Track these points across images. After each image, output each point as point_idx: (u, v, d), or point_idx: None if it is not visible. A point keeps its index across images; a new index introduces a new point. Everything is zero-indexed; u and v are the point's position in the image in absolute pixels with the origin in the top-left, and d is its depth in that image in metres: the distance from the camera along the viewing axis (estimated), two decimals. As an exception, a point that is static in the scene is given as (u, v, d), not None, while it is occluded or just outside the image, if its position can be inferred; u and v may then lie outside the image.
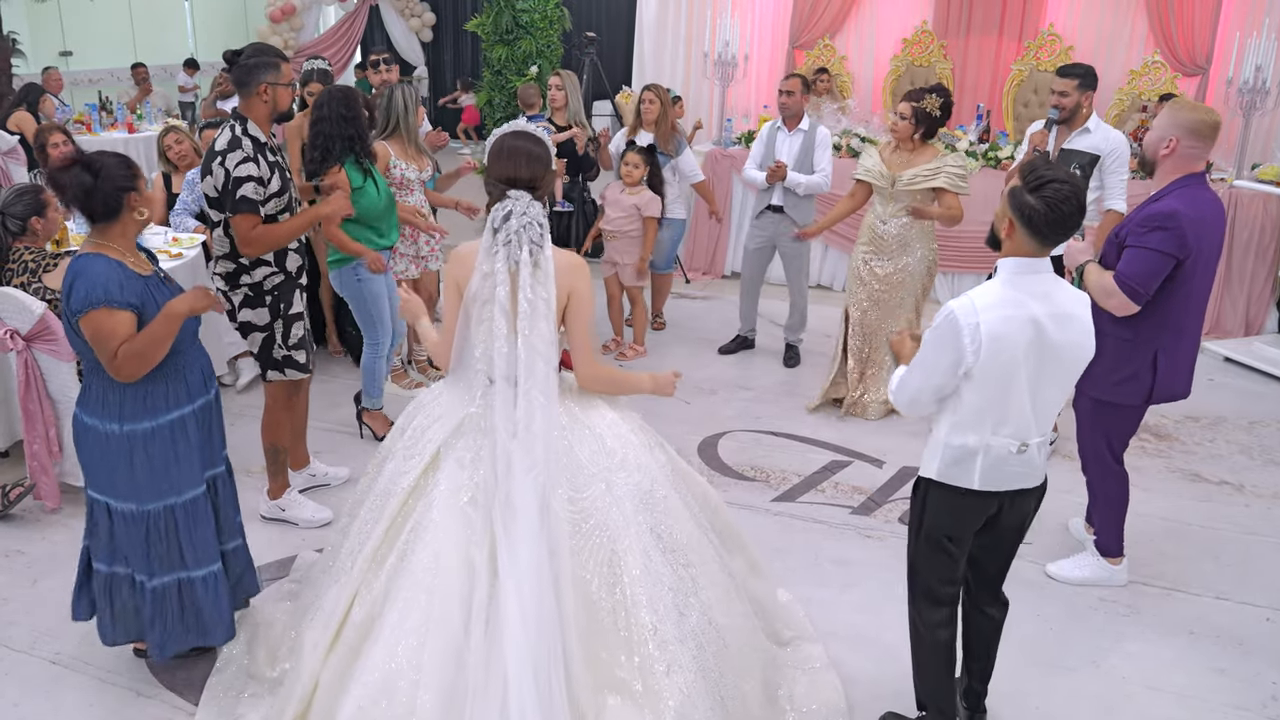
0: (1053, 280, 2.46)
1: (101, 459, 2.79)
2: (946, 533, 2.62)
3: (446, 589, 2.43)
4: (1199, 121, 3.27)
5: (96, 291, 2.61)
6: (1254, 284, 6.52)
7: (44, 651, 3.21)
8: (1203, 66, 8.11)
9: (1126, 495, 3.65)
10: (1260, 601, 3.65)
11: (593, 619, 2.47)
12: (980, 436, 2.49)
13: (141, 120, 9.61)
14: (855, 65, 9.42)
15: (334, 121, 4.11)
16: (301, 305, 3.78)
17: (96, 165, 2.69)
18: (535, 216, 2.47)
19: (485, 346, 2.50)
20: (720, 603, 2.66)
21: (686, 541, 2.63)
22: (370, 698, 2.39)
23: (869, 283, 5.04)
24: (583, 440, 2.59)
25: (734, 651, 2.64)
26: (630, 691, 2.45)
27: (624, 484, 2.57)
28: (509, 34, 7.36)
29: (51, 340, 3.81)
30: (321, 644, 2.57)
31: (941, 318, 2.44)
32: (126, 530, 2.84)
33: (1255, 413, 5.42)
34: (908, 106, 4.80)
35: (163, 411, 2.79)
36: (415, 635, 2.41)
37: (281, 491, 3.97)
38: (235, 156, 3.40)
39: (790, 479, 4.50)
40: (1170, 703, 3.12)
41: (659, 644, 2.47)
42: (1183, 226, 3.21)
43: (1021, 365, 2.41)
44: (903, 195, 4.88)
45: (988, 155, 7.02)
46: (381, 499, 2.65)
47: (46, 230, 4.07)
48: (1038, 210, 2.35)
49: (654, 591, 2.50)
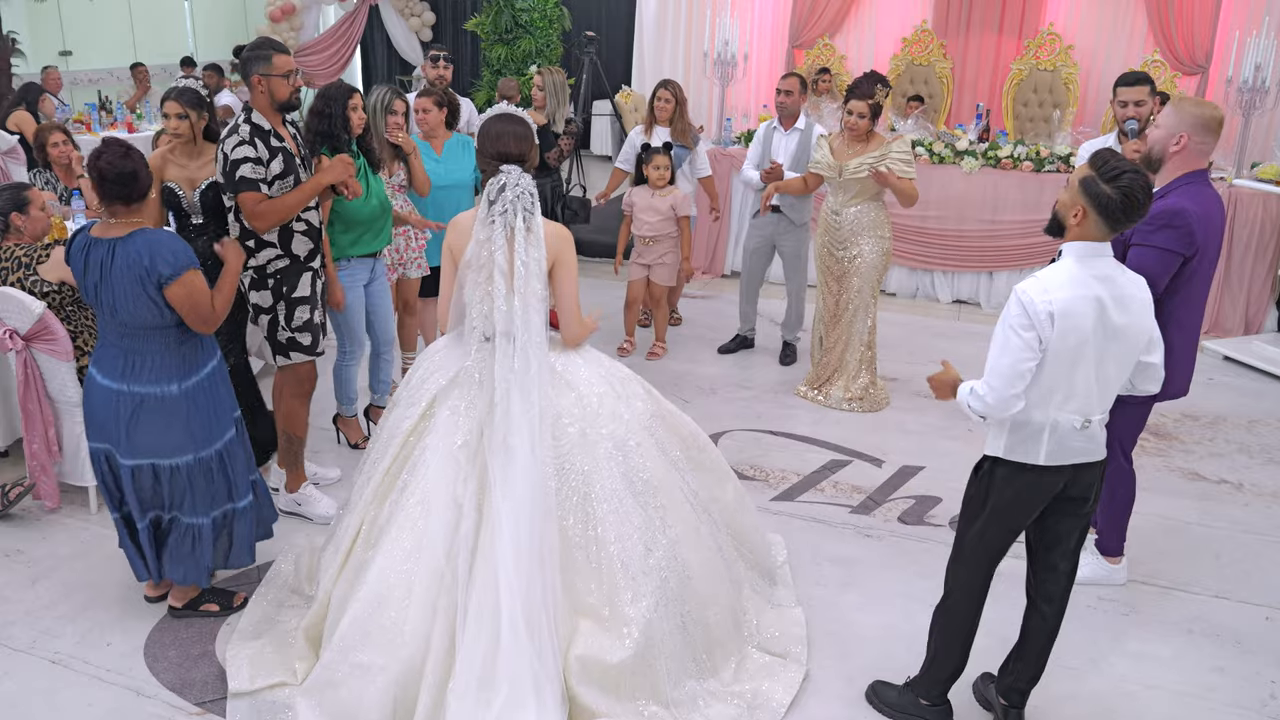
0: (1113, 264, 2.57)
1: (162, 422, 3.07)
2: (1013, 510, 2.69)
3: (434, 521, 2.78)
4: (1207, 117, 3.28)
5: (183, 256, 2.96)
6: (1253, 283, 6.52)
7: (43, 651, 3.21)
8: (1202, 65, 8.11)
9: (1133, 496, 3.66)
10: (1259, 600, 3.65)
11: (567, 551, 2.81)
12: (1046, 413, 2.58)
13: (141, 119, 9.61)
14: (855, 64, 9.41)
15: (314, 116, 4.10)
16: (310, 290, 3.79)
17: (125, 147, 2.98)
18: (527, 186, 2.79)
19: (484, 306, 2.79)
20: (687, 538, 2.97)
21: (657, 484, 2.94)
22: (365, 610, 2.76)
23: (830, 269, 5.21)
24: (562, 393, 2.91)
25: (699, 582, 2.95)
26: (599, 616, 2.80)
27: (598, 432, 2.89)
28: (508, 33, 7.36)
29: (51, 340, 3.81)
30: (334, 564, 2.97)
31: (1013, 302, 2.53)
32: (178, 482, 3.13)
33: (1255, 411, 5.42)
34: (863, 105, 4.89)
35: (204, 364, 3.15)
36: (406, 559, 2.77)
37: (298, 485, 4.01)
38: (232, 140, 3.54)
39: (790, 478, 4.50)
40: (1169, 701, 3.12)
41: (626, 575, 2.80)
42: (1190, 224, 3.21)
43: (1089, 342, 2.52)
44: (850, 184, 5.00)
45: (987, 154, 7.02)
46: (386, 441, 3.00)
47: (30, 227, 4.06)
48: (1114, 199, 2.47)
49: (622, 529, 2.83)
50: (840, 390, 5.25)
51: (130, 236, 2.96)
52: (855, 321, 5.19)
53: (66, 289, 3.92)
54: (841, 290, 5.19)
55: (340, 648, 2.77)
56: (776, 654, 3.14)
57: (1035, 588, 2.84)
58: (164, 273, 2.92)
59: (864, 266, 5.08)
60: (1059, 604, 2.83)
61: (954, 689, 2.95)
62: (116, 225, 3.01)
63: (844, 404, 5.23)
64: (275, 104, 3.60)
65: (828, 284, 5.26)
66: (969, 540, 2.77)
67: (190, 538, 3.19)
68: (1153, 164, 3.40)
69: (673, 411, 3.20)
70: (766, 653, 3.14)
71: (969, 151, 7.06)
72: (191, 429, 3.10)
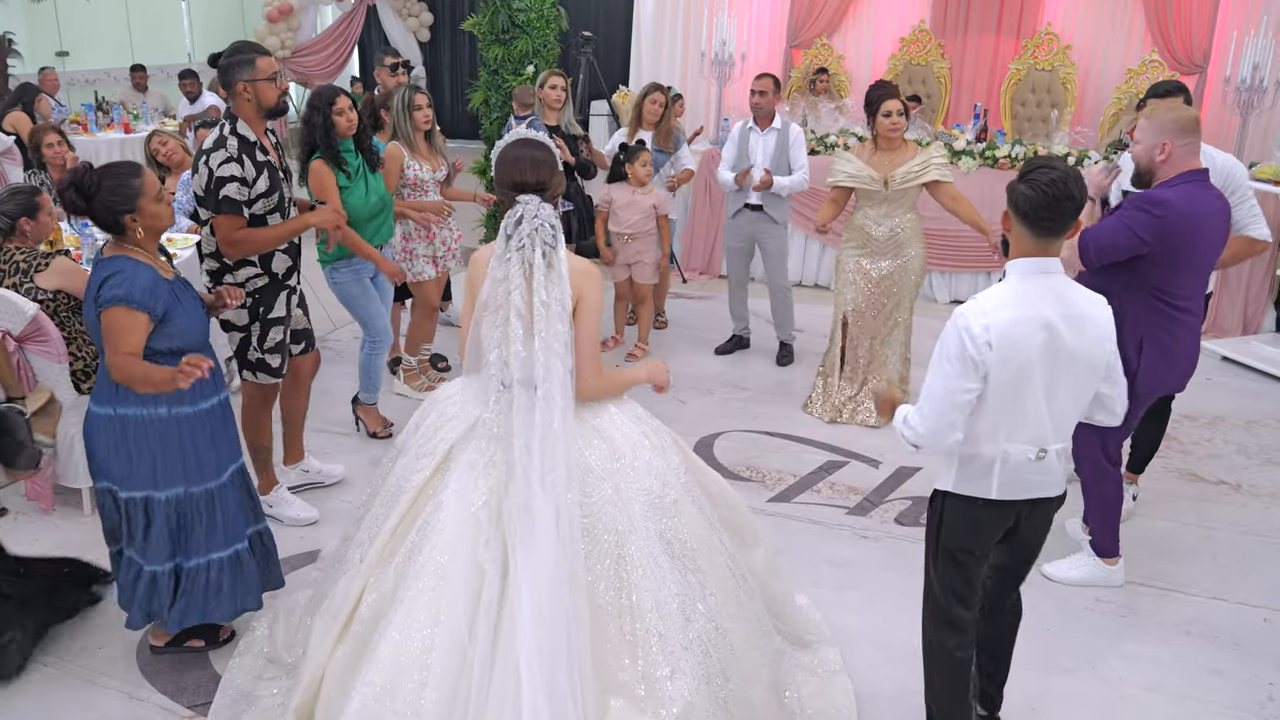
0: (1065, 281, 2.42)
1: (145, 447, 2.85)
2: (965, 545, 2.57)
3: (454, 590, 2.45)
4: (1182, 118, 3.29)
5: (119, 290, 2.72)
6: (1252, 283, 6.50)
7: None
8: (1200, 65, 8.10)
9: (1120, 496, 3.65)
10: (1257, 602, 3.64)
11: (598, 622, 2.49)
12: (996, 444, 2.43)
13: (138, 120, 9.60)
14: (853, 64, 9.41)
15: (305, 122, 4.11)
16: (284, 309, 3.73)
17: (89, 188, 2.73)
18: (547, 218, 2.49)
19: (500, 351, 2.51)
20: (728, 607, 2.66)
21: (696, 546, 2.64)
22: (375, 695, 2.41)
23: (861, 285, 5.01)
24: (592, 444, 2.60)
25: (740, 656, 2.65)
26: (633, 695, 2.48)
27: (632, 488, 2.58)
28: (505, 33, 7.32)
29: (44, 341, 3.80)
30: (330, 633, 2.62)
31: (951, 325, 2.39)
32: (164, 518, 2.91)
33: (1253, 412, 5.41)
34: (898, 103, 4.80)
35: (200, 398, 2.92)
36: (421, 635, 2.43)
37: (269, 489, 3.98)
38: (219, 156, 3.39)
39: (786, 479, 4.48)
40: (1167, 704, 3.10)
41: (663, 649, 2.48)
42: (1168, 218, 3.20)
43: (1036, 368, 2.36)
44: (895, 196, 4.87)
45: (985, 154, 7.00)
46: (393, 495, 2.68)
47: (36, 232, 4.05)
48: (1026, 196, 2.34)
49: (659, 596, 2.51)
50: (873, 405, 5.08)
51: (109, 259, 2.82)
52: (896, 335, 5.03)
53: (62, 297, 3.91)
54: (881, 305, 5.00)
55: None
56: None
57: (995, 597, 2.76)
58: (101, 297, 2.74)
59: (907, 278, 4.95)
60: (1018, 605, 2.80)
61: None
62: (110, 245, 2.89)
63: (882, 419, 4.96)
64: (262, 110, 3.46)
65: (860, 300, 5.00)
66: (931, 581, 2.68)
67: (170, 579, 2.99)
68: (1143, 179, 3.40)
69: (703, 466, 2.93)
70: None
71: (967, 151, 7.05)
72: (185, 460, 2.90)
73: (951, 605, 2.63)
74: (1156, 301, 3.34)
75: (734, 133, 5.73)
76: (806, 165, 5.55)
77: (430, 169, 4.92)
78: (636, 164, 5.64)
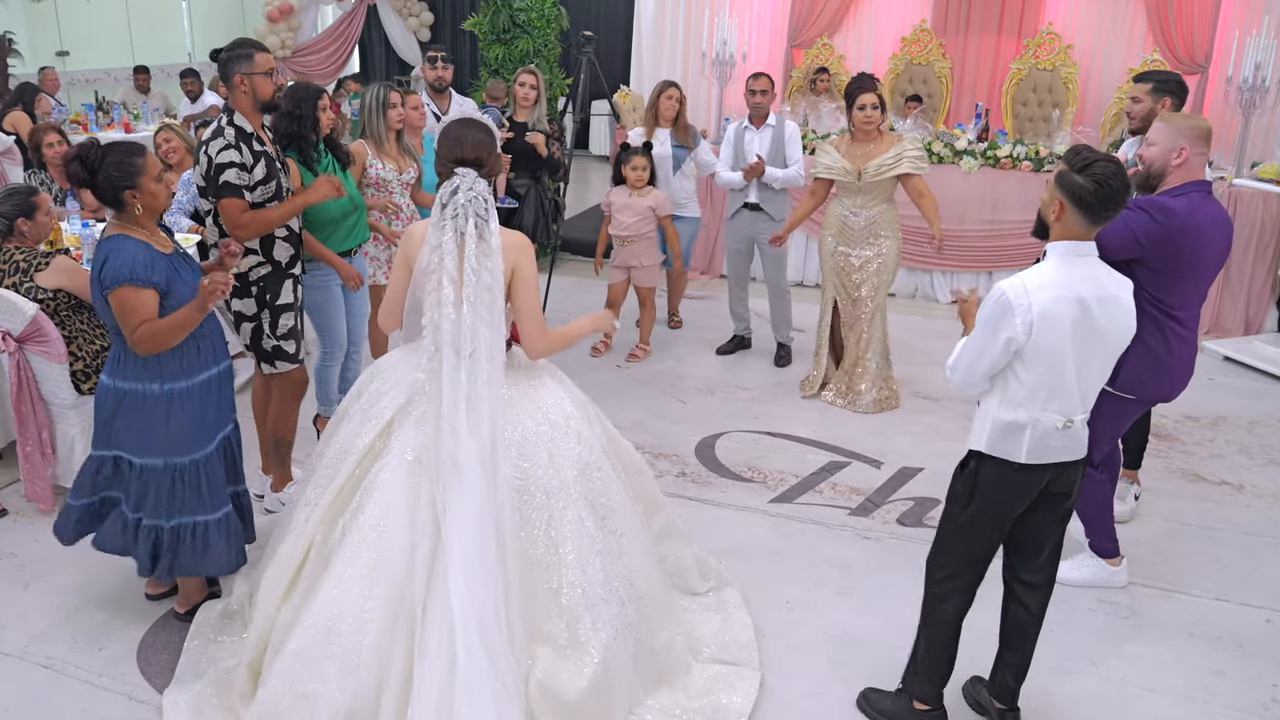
0: (1098, 264, 2.55)
1: (140, 419, 3.02)
2: (997, 507, 2.68)
3: (391, 543, 2.64)
4: (1201, 129, 3.31)
5: (124, 270, 2.86)
6: (1254, 283, 6.49)
7: (36, 656, 3.19)
8: (1202, 65, 8.09)
9: (1109, 497, 3.63)
10: (1260, 603, 3.63)
11: (529, 576, 2.71)
12: (1030, 412, 2.57)
13: (138, 120, 9.59)
14: (854, 64, 9.39)
15: (281, 117, 4.00)
16: (292, 296, 3.77)
17: (94, 161, 2.87)
18: (481, 192, 2.67)
19: (433, 314, 2.67)
20: (641, 566, 2.93)
21: (616, 508, 2.89)
22: (313, 639, 2.61)
23: (845, 271, 5.16)
24: (530, 413, 2.81)
25: (650, 608, 2.92)
26: (558, 644, 2.71)
27: (565, 454, 2.80)
28: (506, 33, 7.32)
29: (44, 342, 3.79)
30: (278, 588, 2.81)
31: (994, 298, 2.52)
32: (153, 482, 3.07)
33: (1255, 412, 5.40)
34: (874, 96, 4.89)
35: (196, 372, 3.07)
36: (360, 584, 2.62)
37: (284, 484, 4.00)
38: (217, 144, 3.46)
39: (788, 480, 4.48)
40: (1170, 705, 3.10)
41: (586, 602, 2.71)
42: (1170, 226, 3.20)
43: (1069, 344, 2.50)
44: (870, 187, 4.95)
45: (986, 154, 7.00)
46: (337, 458, 2.85)
47: (35, 233, 4.04)
48: (1086, 188, 2.44)
49: (584, 554, 2.74)
50: (868, 393, 5.21)
51: (108, 239, 2.95)
52: (875, 322, 5.17)
53: (62, 296, 3.90)
54: (858, 292, 5.15)
55: (285, 675, 2.61)
56: (729, 663, 3.10)
57: (1016, 577, 2.82)
58: (104, 282, 2.90)
59: (883, 267, 5.07)
60: (1044, 592, 2.82)
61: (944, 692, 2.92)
62: (110, 224, 3.01)
63: (871, 407, 5.20)
64: (258, 104, 3.53)
65: (842, 286, 5.20)
66: (950, 533, 2.76)
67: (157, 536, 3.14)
68: (1151, 179, 3.39)
69: (619, 438, 3.16)
70: (718, 663, 3.10)
71: (968, 151, 7.04)
72: (171, 433, 3.04)
73: (959, 565, 2.75)
74: (1151, 308, 3.32)
75: (729, 133, 5.73)
76: (802, 160, 5.57)
77: (397, 170, 4.71)
78: (627, 166, 5.61)
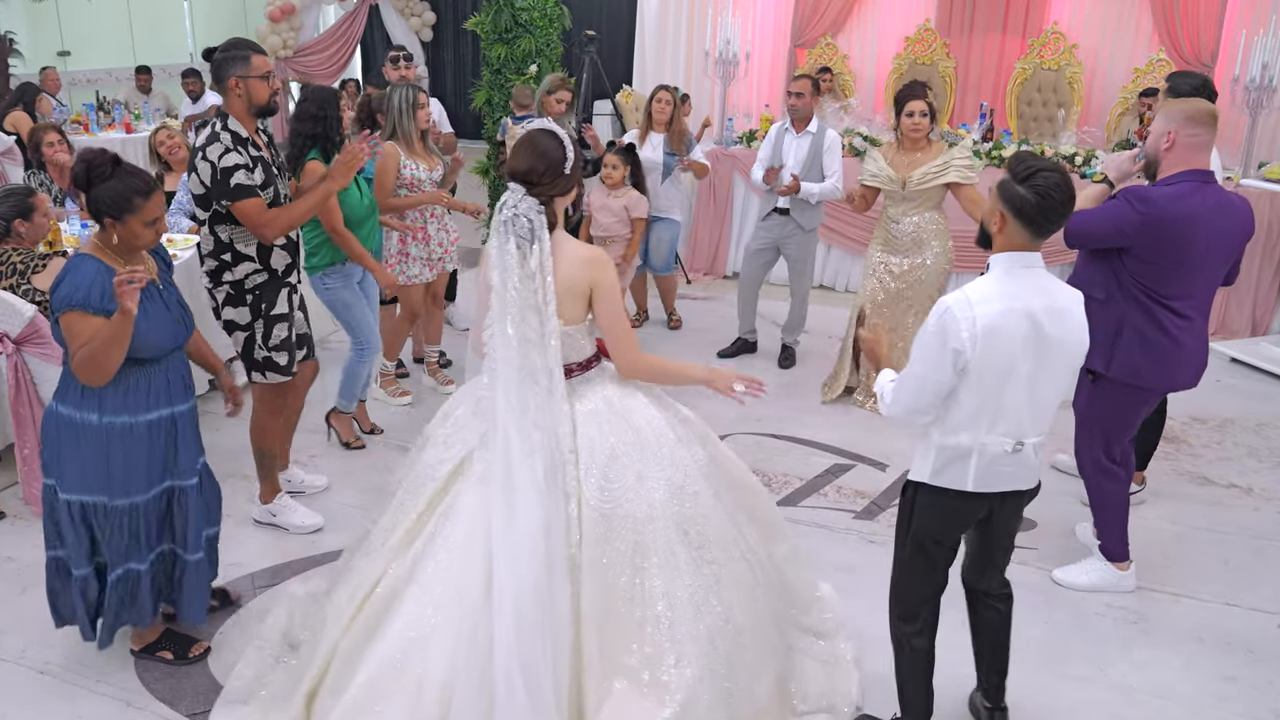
0: (1047, 275, 2.44)
1: (75, 451, 2.80)
2: (935, 536, 2.60)
3: (466, 574, 2.50)
4: (1194, 109, 3.23)
5: (78, 294, 2.65)
6: (1260, 284, 6.45)
7: (33, 661, 3.15)
8: (1208, 64, 8.05)
9: (1126, 499, 3.59)
10: (1270, 608, 3.59)
11: (610, 605, 2.53)
12: (974, 435, 2.45)
13: (139, 120, 9.56)
14: (857, 64, 9.38)
15: (305, 120, 4.04)
16: (288, 306, 3.67)
17: (98, 175, 2.69)
18: (525, 211, 2.52)
19: (489, 332, 2.56)
20: (741, 600, 2.68)
21: (713, 537, 2.66)
22: (382, 671, 2.48)
23: (885, 280, 5.05)
24: (617, 430, 2.63)
25: (748, 649, 2.66)
26: (637, 679, 2.51)
27: (655, 476, 2.61)
28: (508, 33, 7.29)
29: (42, 343, 3.77)
30: (345, 615, 2.64)
31: (936, 314, 2.40)
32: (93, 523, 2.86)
33: (1263, 414, 5.36)
34: (922, 104, 4.79)
35: (142, 410, 2.82)
36: (431, 616, 2.49)
37: (272, 496, 3.91)
38: (216, 149, 3.34)
39: (793, 482, 4.44)
40: (1179, 711, 3.06)
41: (671, 637, 2.52)
42: (1149, 216, 3.16)
43: (1019, 360, 2.38)
44: (915, 195, 4.87)
45: (991, 154, 6.96)
46: (419, 483, 2.70)
47: (32, 234, 4.02)
48: (1029, 200, 2.33)
49: (671, 585, 2.54)
50: None
51: (76, 256, 2.77)
52: (912, 331, 5.01)
53: None
54: (898, 301, 5.03)
55: (351, 707, 2.48)
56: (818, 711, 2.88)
57: (978, 582, 2.77)
58: (53, 302, 2.71)
59: (927, 276, 4.96)
60: (1008, 594, 2.78)
61: (951, 698, 2.91)
62: (90, 239, 2.83)
63: None
64: (253, 108, 3.42)
65: (883, 295, 5.04)
66: (900, 572, 2.69)
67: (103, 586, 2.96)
68: (1150, 168, 3.36)
69: (730, 457, 2.94)
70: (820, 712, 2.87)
71: (974, 151, 7.00)
72: (111, 471, 2.81)
73: (911, 599, 2.67)
74: (1144, 297, 3.29)
75: (770, 133, 5.64)
76: (840, 173, 5.41)
77: (427, 168, 4.79)
78: (606, 167, 5.60)
